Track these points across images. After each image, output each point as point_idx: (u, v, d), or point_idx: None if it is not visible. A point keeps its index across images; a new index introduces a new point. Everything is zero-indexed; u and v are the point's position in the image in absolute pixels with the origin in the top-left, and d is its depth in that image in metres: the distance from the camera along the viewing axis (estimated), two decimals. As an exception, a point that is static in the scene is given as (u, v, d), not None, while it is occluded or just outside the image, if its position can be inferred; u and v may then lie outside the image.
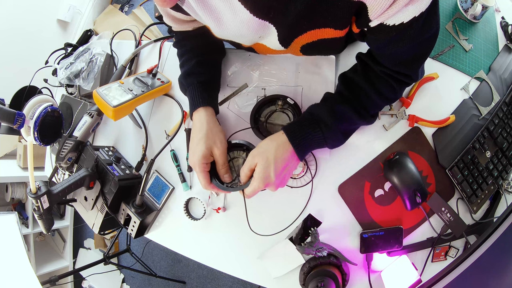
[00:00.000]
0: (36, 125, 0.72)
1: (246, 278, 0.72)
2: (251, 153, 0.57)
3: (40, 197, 0.66)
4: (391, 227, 0.65)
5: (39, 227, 1.30)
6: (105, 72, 0.90)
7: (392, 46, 0.47)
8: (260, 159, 0.55)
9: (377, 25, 0.43)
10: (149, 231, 0.81)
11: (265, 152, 0.55)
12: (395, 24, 0.42)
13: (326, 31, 0.50)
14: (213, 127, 0.62)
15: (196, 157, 0.59)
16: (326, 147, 0.58)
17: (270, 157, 0.55)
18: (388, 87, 0.55)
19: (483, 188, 0.65)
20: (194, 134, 0.62)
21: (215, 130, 0.62)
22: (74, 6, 2.04)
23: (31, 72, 1.03)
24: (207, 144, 0.60)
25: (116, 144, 0.88)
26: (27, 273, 1.02)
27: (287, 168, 0.56)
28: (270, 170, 0.54)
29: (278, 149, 0.55)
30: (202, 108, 0.64)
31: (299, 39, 0.53)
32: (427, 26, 0.44)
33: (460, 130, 0.67)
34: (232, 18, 0.51)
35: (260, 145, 0.57)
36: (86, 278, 1.89)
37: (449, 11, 0.72)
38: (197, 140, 0.61)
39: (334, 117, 0.55)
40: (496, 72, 0.71)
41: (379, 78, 0.54)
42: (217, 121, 0.65)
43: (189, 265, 1.83)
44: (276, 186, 0.56)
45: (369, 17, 0.42)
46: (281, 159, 0.55)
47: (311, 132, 0.56)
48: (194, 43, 0.69)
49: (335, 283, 0.58)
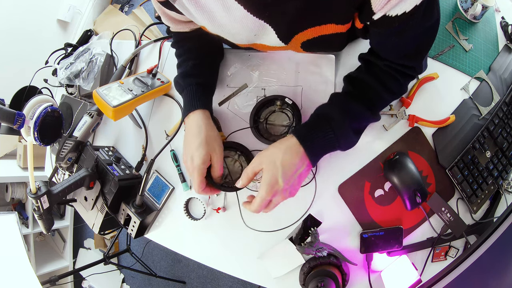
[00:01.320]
0: (36, 125, 0.72)
1: (246, 278, 0.72)
2: (257, 156, 0.54)
3: (40, 197, 0.66)
4: (391, 227, 0.65)
5: (39, 227, 1.30)
6: (105, 72, 0.90)
7: (395, 37, 0.47)
8: (267, 163, 0.52)
9: (380, 17, 0.43)
10: (149, 231, 0.81)
11: (272, 155, 0.52)
12: (397, 15, 0.42)
13: (327, 27, 0.49)
14: (211, 132, 0.62)
15: (196, 163, 0.58)
16: (338, 149, 0.55)
17: (277, 162, 0.51)
18: (394, 81, 0.54)
19: (483, 188, 0.65)
20: (192, 138, 0.61)
21: (213, 135, 0.61)
22: (74, 6, 2.04)
23: (31, 72, 1.03)
24: (206, 149, 0.59)
25: (116, 144, 0.88)
26: (27, 273, 1.02)
27: (297, 173, 0.52)
28: (277, 176, 0.51)
29: (287, 152, 0.52)
30: (200, 111, 0.63)
31: (300, 35, 0.53)
32: (429, 14, 0.44)
33: (460, 130, 0.67)
34: (226, 16, 0.50)
35: (268, 148, 0.55)
36: (86, 278, 1.90)
37: (449, 11, 0.72)
38: (196, 145, 0.59)
39: (345, 115, 0.53)
40: (496, 72, 0.71)
41: (384, 73, 0.54)
42: (214, 125, 0.64)
43: (189, 265, 1.83)
44: (284, 194, 0.52)
45: (372, 10, 0.42)
46: (290, 163, 0.51)
47: (322, 132, 0.53)
48: (192, 44, 0.68)
49: (335, 283, 0.58)
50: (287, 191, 0.53)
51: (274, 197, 0.53)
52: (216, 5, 0.49)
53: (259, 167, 0.53)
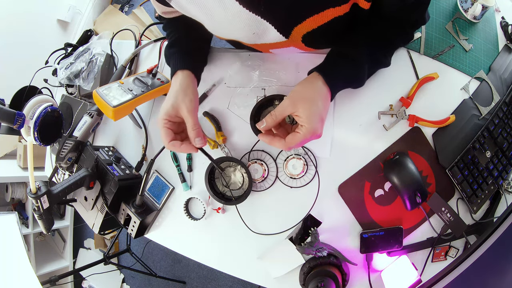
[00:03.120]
0: (36, 125, 0.72)
1: (246, 278, 0.72)
2: (289, 99, 0.51)
3: (40, 197, 0.66)
4: (391, 227, 0.65)
5: (39, 227, 1.30)
6: (105, 72, 0.90)
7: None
8: (306, 105, 0.49)
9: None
10: (149, 231, 0.81)
11: (312, 98, 0.50)
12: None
13: (326, 14, 0.49)
14: (187, 88, 0.58)
15: (159, 115, 0.55)
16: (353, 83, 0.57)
17: (320, 104, 0.50)
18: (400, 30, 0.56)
19: (483, 188, 0.65)
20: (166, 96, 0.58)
21: (187, 91, 0.57)
22: (74, 6, 2.04)
23: (31, 72, 1.03)
24: (173, 102, 0.56)
25: (116, 144, 0.88)
26: (27, 273, 1.02)
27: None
28: (322, 115, 0.50)
29: (321, 93, 0.51)
30: (180, 72, 0.60)
31: (299, 28, 0.52)
32: None
33: (460, 130, 0.66)
34: (223, 12, 0.50)
35: (298, 90, 0.52)
36: (86, 278, 1.90)
37: (449, 11, 0.72)
38: (165, 100, 0.57)
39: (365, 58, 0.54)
40: (496, 72, 0.71)
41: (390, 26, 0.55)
42: (195, 87, 0.61)
43: (189, 265, 1.84)
44: (319, 134, 0.51)
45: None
46: (326, 105, 0.51)
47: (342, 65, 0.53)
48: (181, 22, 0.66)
49: (335, 283, 0.58)
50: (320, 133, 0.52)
51: (309, 140, 0.51)
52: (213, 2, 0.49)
53: (293, 110, 0.51)
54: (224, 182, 0.72)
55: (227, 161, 0.71)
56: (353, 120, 0.68)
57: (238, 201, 0.69)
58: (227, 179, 0.72)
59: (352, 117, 0.68)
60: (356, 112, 0.68)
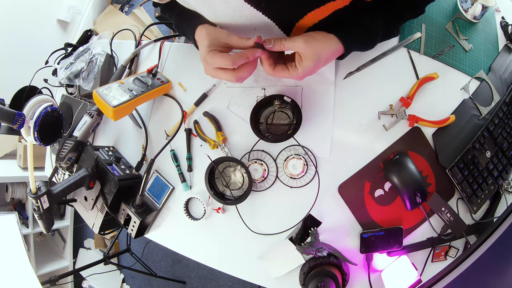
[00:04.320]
0: (36, 125, 0.73)
1: (246, 278, 0.72)
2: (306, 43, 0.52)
3: (40, 197, 0.66)
4: (391, 227, 0.65)
5: (39, 227, 1.30)
6: (105, 72, 0.90)
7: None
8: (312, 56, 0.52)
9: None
10: (149, 231, 0.81)
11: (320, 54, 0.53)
12: None
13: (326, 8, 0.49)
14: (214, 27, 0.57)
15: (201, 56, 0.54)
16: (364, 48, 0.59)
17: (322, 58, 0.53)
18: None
19: (483, 188, 0.65)
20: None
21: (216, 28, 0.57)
22: (74, 6, 2.04)
23: (31, 72, 1.03)
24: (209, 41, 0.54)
25: (116, 144, 0.88)
26: (27, 273, 1.02)
27: None
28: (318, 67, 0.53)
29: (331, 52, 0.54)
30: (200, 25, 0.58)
31: (301, 23, 0.53)
32: None
33: (460, 130, 0.66)
34: (224, 7, 0.50)
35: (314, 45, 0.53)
36: (86, 278, 1.90)
37: (449, 11, 0.72)
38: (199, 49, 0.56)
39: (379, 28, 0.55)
40: (496, 72, 0.71)
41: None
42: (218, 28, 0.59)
43: (189, 265, 1.84)
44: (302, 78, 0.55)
45: None
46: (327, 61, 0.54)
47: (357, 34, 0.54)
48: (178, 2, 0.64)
49: (335, 283, 0.58)
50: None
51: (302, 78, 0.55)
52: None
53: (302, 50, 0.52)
54: (224, 182, 0.72)
55: (227, 161, 0.71)
56: (353, 120, 0.68)
57: (238, 201, 0.69)
58: (227, 179, 0.72)
59: (352, 117, 0.68)
60: (356, 112, 0.68)
